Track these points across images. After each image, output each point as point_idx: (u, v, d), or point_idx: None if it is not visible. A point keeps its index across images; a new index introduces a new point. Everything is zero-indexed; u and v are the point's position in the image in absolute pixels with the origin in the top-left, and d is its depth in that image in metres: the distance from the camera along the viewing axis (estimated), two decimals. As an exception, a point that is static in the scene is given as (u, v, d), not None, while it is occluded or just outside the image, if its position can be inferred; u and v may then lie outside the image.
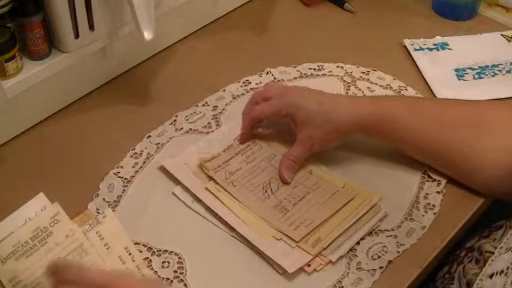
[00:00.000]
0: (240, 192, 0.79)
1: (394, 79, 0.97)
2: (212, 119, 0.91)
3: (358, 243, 0.75)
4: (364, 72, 0.98)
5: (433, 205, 0.79)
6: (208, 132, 0.89)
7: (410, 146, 0.81)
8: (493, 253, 0.68)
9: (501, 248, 0.66)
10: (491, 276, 0.64)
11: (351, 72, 0.98)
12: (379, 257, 0.74)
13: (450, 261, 0.77)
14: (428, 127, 0.79)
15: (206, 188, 0.80)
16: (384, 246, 0.75)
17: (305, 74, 0.99)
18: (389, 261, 0.74)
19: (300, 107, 0.80)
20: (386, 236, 0.76)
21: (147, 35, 0.84)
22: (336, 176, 0.82)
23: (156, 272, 0.73)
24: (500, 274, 0.63)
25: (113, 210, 0.78)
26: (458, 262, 0.75)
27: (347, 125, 0.80)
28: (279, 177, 0.81)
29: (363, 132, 0.81)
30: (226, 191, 0.79)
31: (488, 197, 0.80)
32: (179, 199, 0.80)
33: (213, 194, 0.79)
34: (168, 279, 0.72)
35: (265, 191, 0.80)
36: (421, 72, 0.99)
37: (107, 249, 0.72)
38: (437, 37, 1.05)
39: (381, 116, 0.79)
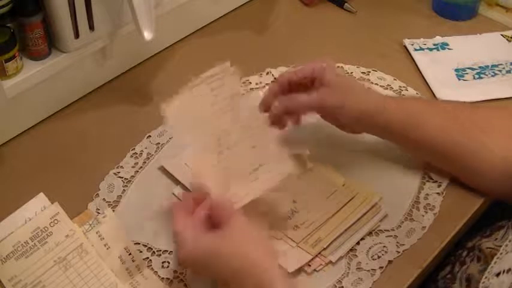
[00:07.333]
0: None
1: (394, 79, 0.97)
2: (212, 119, 0.91)
3: (358, 243, 0.75)
4: (364, 73, 0.98)
5: (433, 206, 0.79)
6: (208, 132, 0.89)
7: (425, 144, 0.78)
8: (492, 248, 0.68)
9: (506, 246, 0.66)
10: (497, 274, 0.64)
11: (351, 73, 0.98)
12: (379, 257, 0.74)
13: (452, 261, 0.77)
14: (450, 126, 0.77)
15: (206, 188, 0.80)
16: (384, 246, 0.75)
17: (305, 74, 0.98)
18: (389, 261, 0.74)
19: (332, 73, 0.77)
20: (386, 236, 0.76)
21: (147, 35, 0.84)
22: (335, 174, 0.82)
23: (156, 272, 0.73)
24: (507, 272, 0.63)
25: (113, 210, 0.78)
26: (461, 262, 0.75)
27: (369, 106, 0.77)
28: (233, 130, 0.73)
29: (379, 123, 0.77)
30: None
31: (488, 198, 0.80)
32: (179, 199, 0.80)
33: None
34: (168, 279, 0.72)
35: (220, 145, 0.72)
36: (421, 72, 0.99)
37: (107, 249, 0.72)
38: (437, 37, 1.05)
39: (404, 109, 0.78)
